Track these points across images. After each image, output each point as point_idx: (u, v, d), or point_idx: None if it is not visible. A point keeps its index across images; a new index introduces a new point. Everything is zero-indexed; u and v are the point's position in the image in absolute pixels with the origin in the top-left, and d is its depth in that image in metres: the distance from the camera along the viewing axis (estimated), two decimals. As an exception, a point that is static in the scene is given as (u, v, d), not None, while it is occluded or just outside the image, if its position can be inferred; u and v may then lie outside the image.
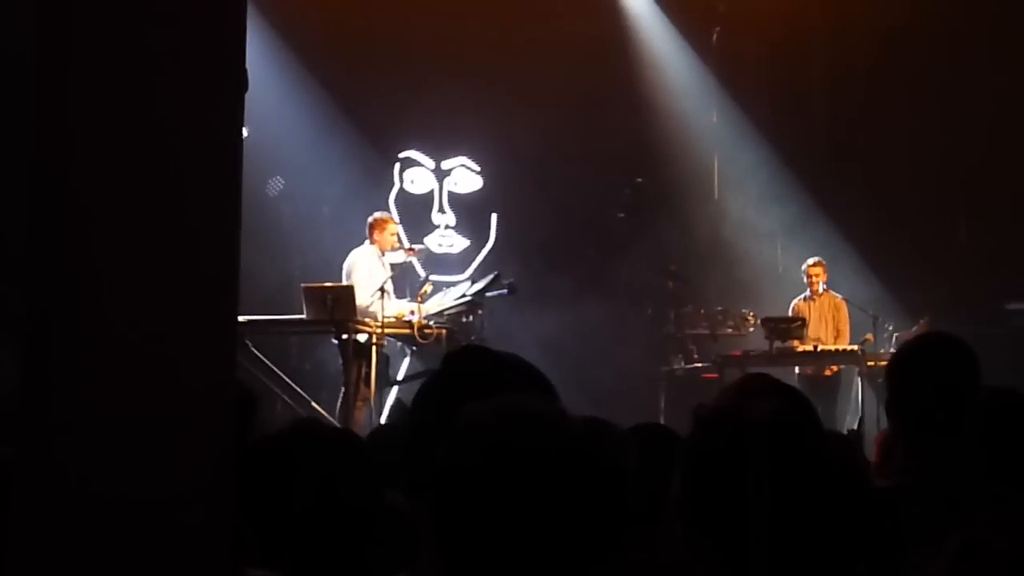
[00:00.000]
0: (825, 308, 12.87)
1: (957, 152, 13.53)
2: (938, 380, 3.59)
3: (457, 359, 2.50)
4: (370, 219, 11.61)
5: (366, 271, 11.22)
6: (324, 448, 2.80)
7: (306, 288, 10.91)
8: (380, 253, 11.46)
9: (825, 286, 12.90)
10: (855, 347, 12.15)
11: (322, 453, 2.77)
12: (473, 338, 10.89)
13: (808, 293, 12.94)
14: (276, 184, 13.07)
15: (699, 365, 12.94)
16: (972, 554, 1.90)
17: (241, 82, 1.90)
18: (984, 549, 1.79)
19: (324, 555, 2.63)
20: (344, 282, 11.11)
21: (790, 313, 12.83)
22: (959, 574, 1.83)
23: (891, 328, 12.82)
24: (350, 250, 11.50)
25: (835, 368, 12.59)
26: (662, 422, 12.37)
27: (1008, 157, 13.18)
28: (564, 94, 13.70)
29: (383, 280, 11.10)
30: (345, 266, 11.37)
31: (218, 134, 1.89)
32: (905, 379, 3.64)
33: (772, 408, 2.21)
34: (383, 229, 11.56)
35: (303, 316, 10.87)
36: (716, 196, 14.68)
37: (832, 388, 12.63)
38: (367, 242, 11.48)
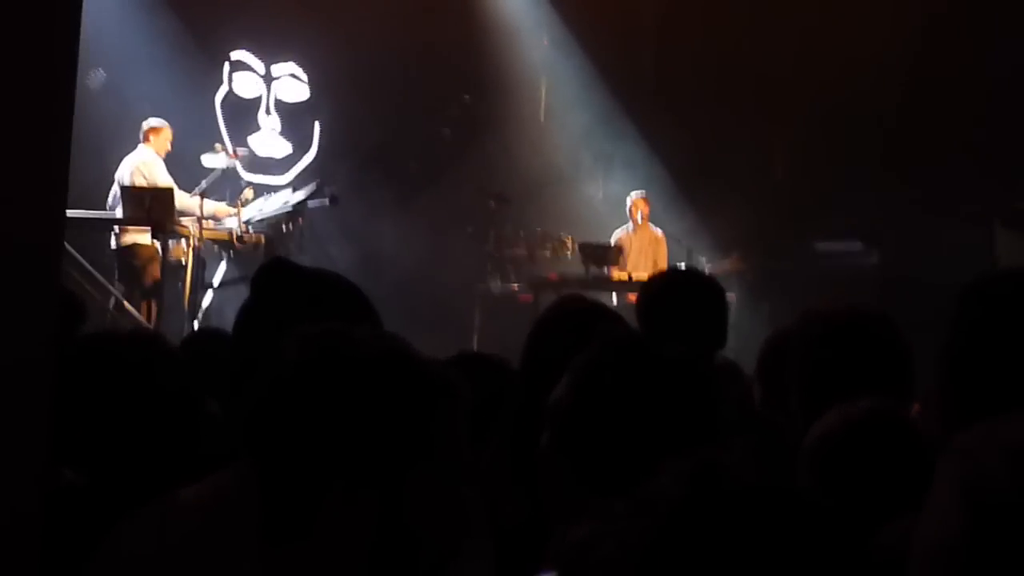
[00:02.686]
0: (645, 241, 13.09)
1: (779, 91, 13.78)
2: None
3: (268, 280, 2.52)
4: (145, 124, 11.43)
5: (165, 175, 11.09)
6: (142, 350, 2.77)
7: (124, 187, 10.71)
8: (159, 157, 11.32)
9: (645, 219, 13.11)
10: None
11: (140, 355, 2.74)
12: (292, 247, 10.83)
13: (630, 225, 13.13)
14: (98, 76, 12.74)
15: (515, 286, 13.06)
16: None
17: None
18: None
19: (142, 455, 2.62)
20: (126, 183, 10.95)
21: (612, 243, 13.01)
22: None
23: (705, 260, 13.09)
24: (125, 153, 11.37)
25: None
26: (476, 339, 12.59)
27: (829, 101, 13.47)
28: (396, 6, 13.59)
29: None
30: (127, 170, 11.14)
31: (54, 21, 1.85)
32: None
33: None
34: (159, 133, 11.41)
35: (119, 215, 10.69)
36: (542, 120, 14.75)
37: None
38: (141, 146, 11.31)
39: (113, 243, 11.02)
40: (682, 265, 12.55)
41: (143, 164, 11.15)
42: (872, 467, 2.37)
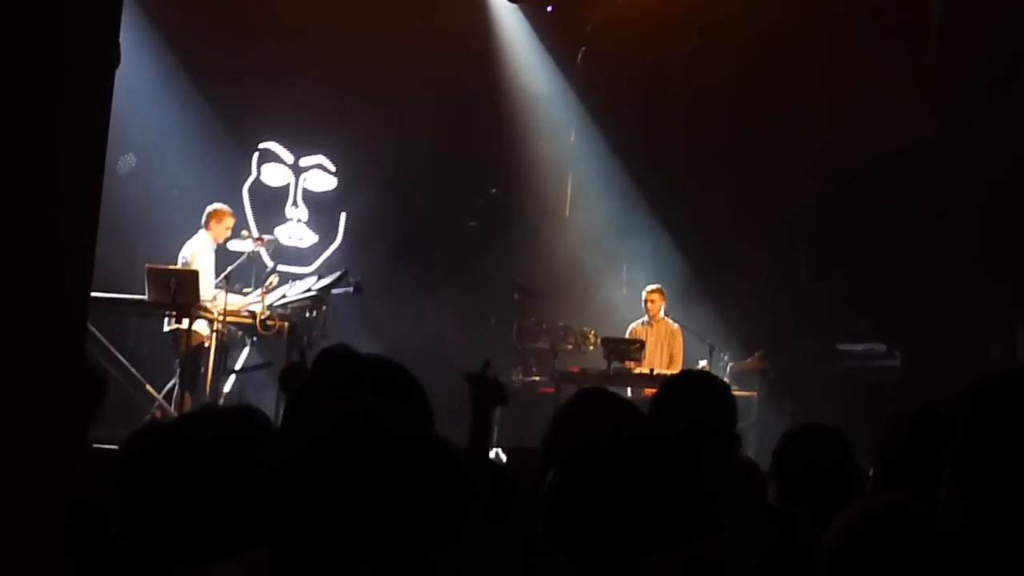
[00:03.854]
0: (661, 334, 13.10)
1: (806, 193, 13.82)
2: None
3: (328, 364, 2.53)
4: (209, 208, 11.56)
5: (204, 262, 11.18)
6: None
7: (150, 269, 10.78)
8: (214, 243, 11.45)
9: (663, 312, 13.13)
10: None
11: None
12: (315, 334, 10.85)
13: (646, 318, 13.14)
14: (128, 161, 12.87)
15: (537, 379, 13.05)
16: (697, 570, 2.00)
17: (114, 56, 1.89)
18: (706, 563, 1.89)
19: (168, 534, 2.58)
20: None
21: (627, 336, 13.02)
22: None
23: (727, 358, 13.07)
24: (188, 237, 11.46)
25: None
26: (496, 430, 12.53)
27: (856, 204, 13.51)
28: (425, 99, 13.73)
29: (214, 271, 11.15)
30: (183, 254, 11.29)
31: (87, 108, 1.88)
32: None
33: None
34: (220, 220, 11.53)
35: (144, 297, 10.74)
36: (567, 214, 14.81)
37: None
38: (202, 231, 11.44)
39: (165, 326, 11.07)
40: (701, 364, 12.54)
41: (188, 252, 11.28)
42: (889, 563, 2.35)
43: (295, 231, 14.13)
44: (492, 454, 4.99)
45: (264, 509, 1.82)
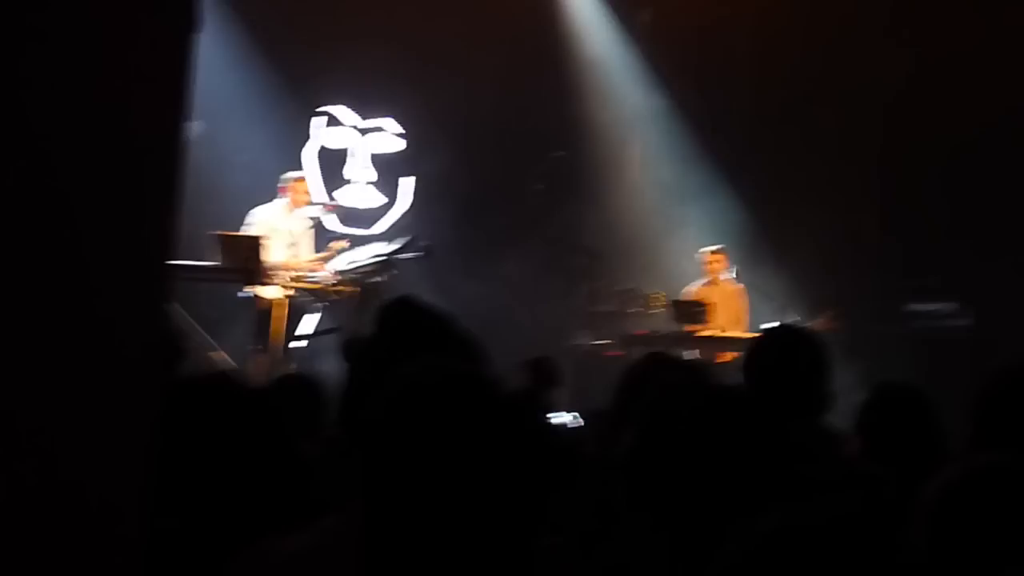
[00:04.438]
0: (726, 295, 12.94)
1: (875, 149, 13.69)
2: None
3: (394, 314, 2.52)
4: (288, 175, 11.62)
5: (267, 228, 11.22)
6: (229, 393, 2.75)
7: (220, 235, 10.83)
8: (289, 210, 11.47)
9: (727, 274, 13.00)
10: (756, 335, 12.19)
11: (228, 398, 2.73)
12: (384, 298, 10.86)
13: (707, 279, 13.01)
14: (197, 127, 12.91)
15: (605, 342, 13.02)
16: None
17: (195, 21, 1.88)
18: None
19: (233, 500, 2.61)
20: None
21: (687, 297, 12.93)
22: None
23: (797, 319, 12.98)
24: (263, 200, 11.49)
25: (731, 356, 12.66)
26: (567, 395, 12.53)
27: (928, 162, 13.35)
28: (490, 63, 13.68)
29: (285, 238, 11.19)
30: (256, 219, 11.34)
31: (168, 74, 1.86)
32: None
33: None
34: (297, 189, 11.57)
35: (214, 263, 10.80)
36: (634, 176, 14.74)
37: (727, 374, 12.74)
38: (278, 197, 11.49)
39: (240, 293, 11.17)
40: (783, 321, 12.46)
41: (264, 216, 11.35)
42: (989, 520, 2.33)
43: (362, 193, 14.15)
44: (570, 417, 4.95)
45: (361, 459, 1.79)
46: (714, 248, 13.06)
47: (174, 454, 2.57)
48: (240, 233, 11.02)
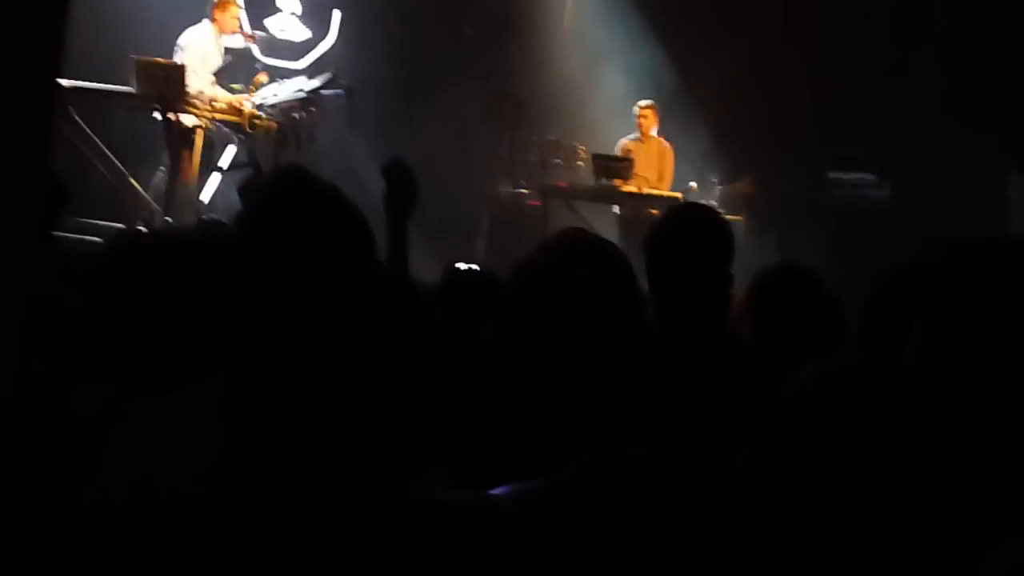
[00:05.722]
0: (653, 152, 12.90)
1: (806, 14, 13.61)
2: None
3: (282, 183, 2.48)
4: None
5: (199, 53, 10.98)
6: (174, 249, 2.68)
7: (138, 61, 10.61)
8: (218, 34, 11.23)
9: (656, 131, 12.96)
10: (678, 193, 12.26)
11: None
12: (304, 136, 10.76)
13: (637, 135, 12.97)
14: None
15: (524, 191, 13.00)
16: None
17: None
18: None
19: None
20: (176, 60, 10.85)
21: (616, 152, 12.89)
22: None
23: (715, 180, 13.02)
24: (189, 25, 11.22)
25: (656, 211, 12.70)
26: (483, 243, 12.55)
27: (856, 28, 13.31)
28: None
29: (216, 64, 10.98)
30: (179, 43, 11.08)
31: None
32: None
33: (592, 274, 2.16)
34: (225, 9, 11.27)
35: (131, 89, 10.60)
36: (566, 25, 14.57)
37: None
38: (206, 20, 11.21)
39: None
40: (691, 184, 12.50)
41: (183, 40, 11.06)
42: (842, 423, 2.33)
43: (287, 23, 13.85)
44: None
45: (235, 336, 1.77)
46: (645, 103, 12.96)
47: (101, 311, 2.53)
48: (159, 60, 10.77)
